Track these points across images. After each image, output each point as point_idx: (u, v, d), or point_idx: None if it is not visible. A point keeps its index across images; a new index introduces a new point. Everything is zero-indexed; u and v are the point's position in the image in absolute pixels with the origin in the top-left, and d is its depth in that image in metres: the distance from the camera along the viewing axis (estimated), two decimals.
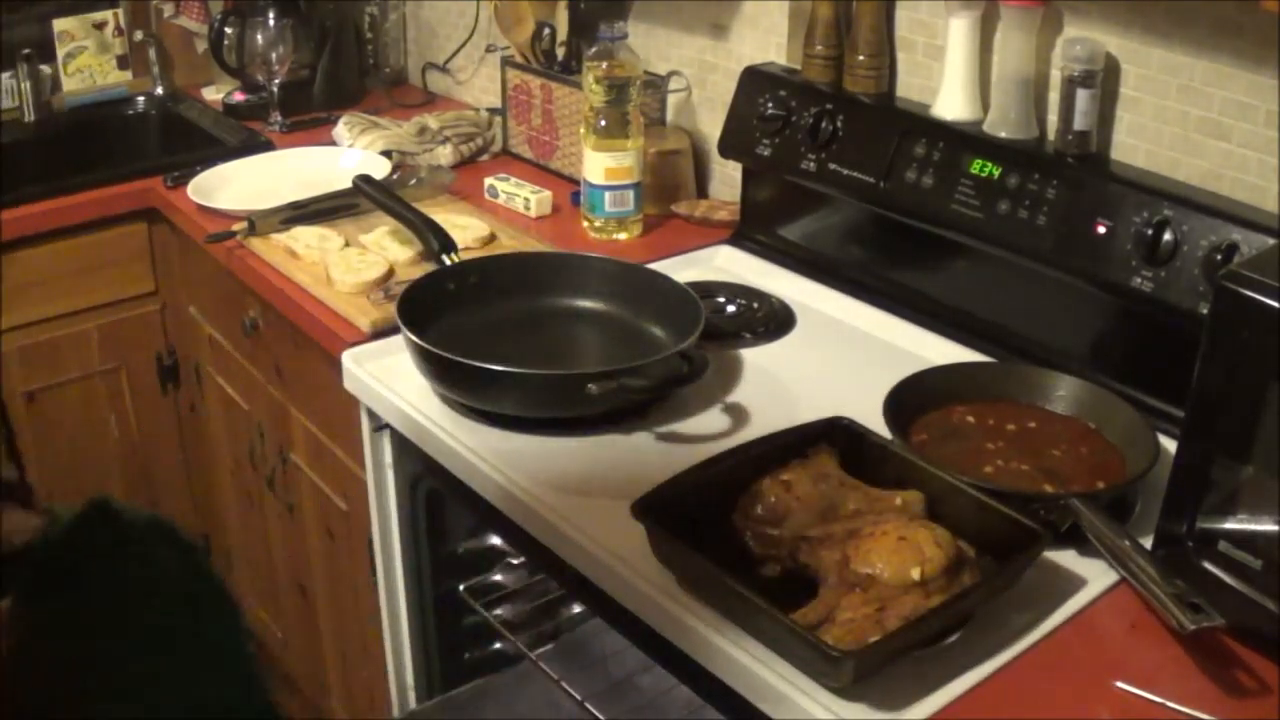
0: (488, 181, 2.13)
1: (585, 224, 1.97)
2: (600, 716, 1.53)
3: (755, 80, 1.82)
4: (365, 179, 1.95)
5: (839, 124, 1.71)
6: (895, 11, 1.72)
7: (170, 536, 0.89)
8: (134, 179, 2.27)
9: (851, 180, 1.68)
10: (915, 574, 1.09)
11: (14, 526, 0.83)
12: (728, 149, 1.88)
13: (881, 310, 1.69)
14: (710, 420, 1.47)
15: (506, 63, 2.29)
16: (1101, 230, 1.42)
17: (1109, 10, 1.48)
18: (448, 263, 1.72)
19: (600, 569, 1.24)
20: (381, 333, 1.65)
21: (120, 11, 2.66)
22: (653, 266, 1.72)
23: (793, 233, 1.84)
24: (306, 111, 2.55)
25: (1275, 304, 1.02)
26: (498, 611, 1.71)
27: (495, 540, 1.70)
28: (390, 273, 1.80)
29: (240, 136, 2.44)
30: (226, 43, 2.51)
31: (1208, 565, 1.12)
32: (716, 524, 1.23)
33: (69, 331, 2.28)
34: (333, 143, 2.35)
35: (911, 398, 1.37)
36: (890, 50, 1.73)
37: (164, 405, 2.48)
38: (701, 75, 2.06)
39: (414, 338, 1.46)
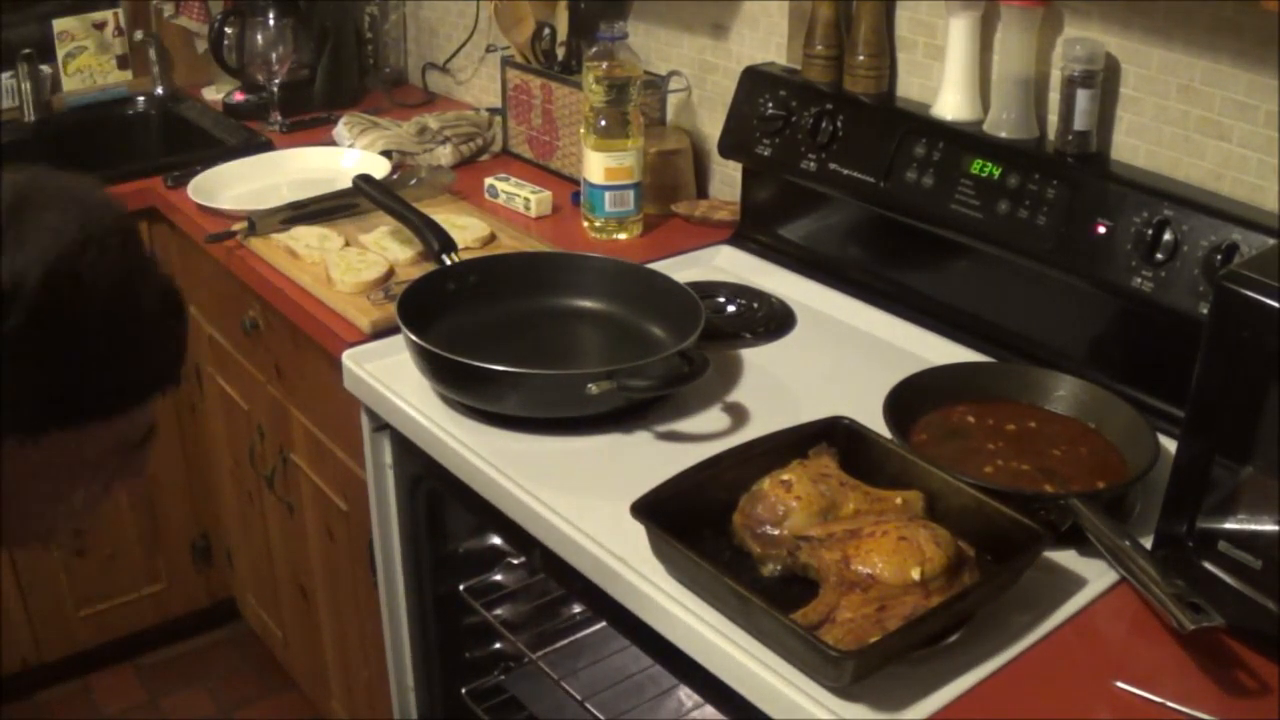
0: (488, 181, 2.13)
1: (585, 224, 1.97)
2: (600, 716, 1.53)
3: (755, 80, 1.82)
4: (365, 179, 1.95)
5: (839, 124, 1.71)
6: (895, 11, 1.72)
7: None
8: (134, 179, 2.27)
9: (851, 180, 1.68)
10: (915, 574, 1.09)
11: None
12: (728, 149, 1.88)
13: (881, 310, 1.69)
14: (710, 420, 1.47)
15: (506, 63, 2.29)
16: (1101, 230, 1.42)
17: (1109, 10, 1.48)
18: (448, 263, 1.72)
19: (600, 569, 1.23)
20: (381, 333, 1.65)
21: (120, 11, 2.66)
22: (653, 266, 1.72)
23: (793, 233, 1.84)
24: (306, 111, 2.55)
25: (1275, 304, 1.02)
26: (498, 611, 1.71)
27: (495, 540, 1.70)
28: (390, 273, 1.80)
29: (240, 136, 2.44)
30: (226, 43, 2.51)
31: (1208, 565, 1.12)
32: (716, 524, 1.23)
33: None
34: (333, 143, 2.35)
35: (911, 398, 1.37)
36: (890, 50, 1.73)
37: (164, 405, 2.45)
38: (701, 75, 2.06)
39: (414, 338, 1.46)
